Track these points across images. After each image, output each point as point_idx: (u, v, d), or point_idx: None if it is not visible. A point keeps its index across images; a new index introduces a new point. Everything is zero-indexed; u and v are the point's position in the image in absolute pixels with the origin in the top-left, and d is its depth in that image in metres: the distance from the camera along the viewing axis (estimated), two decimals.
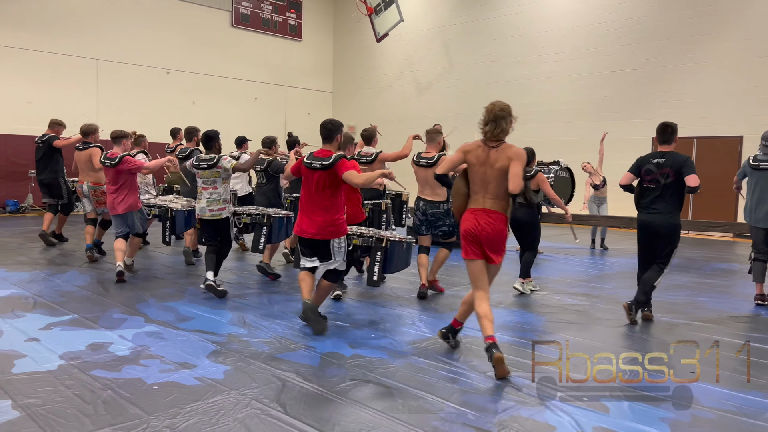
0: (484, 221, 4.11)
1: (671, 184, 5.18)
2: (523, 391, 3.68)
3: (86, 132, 8.43)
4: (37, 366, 3.94)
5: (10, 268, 7.29)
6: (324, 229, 4.83)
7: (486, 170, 4.17)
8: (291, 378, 3.81)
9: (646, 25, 13.80)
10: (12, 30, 14.10)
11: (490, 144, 4.24)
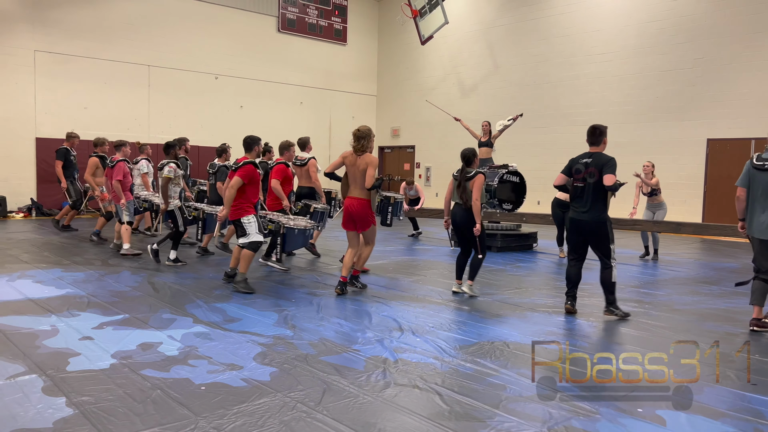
0: (354, 205, 6.22)
1: (597, 183, 5.41)
2: (575, 401, 3.57)
3: (95, 144, 10.20)
4: (90, 364, 4.03)
5: (65, 267, 7.54)
6: (234, 213, 6.39)
7: (355, 171, 6.19)
8: (336, 381, 3.80)
9: (701, 23, 13.32)
10: (71, 39, 14.65)
11: (357, 154, 6.20)
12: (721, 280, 7.82)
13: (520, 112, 12.73)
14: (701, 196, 13.44)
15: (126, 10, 15.48)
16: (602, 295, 5.97)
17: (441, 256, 9.51)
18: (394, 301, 6.15)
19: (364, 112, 20.79)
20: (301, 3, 18.76)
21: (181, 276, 7.23)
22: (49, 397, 3.47)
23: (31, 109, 14.28)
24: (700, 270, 8.85)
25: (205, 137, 16.52)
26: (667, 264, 9.20)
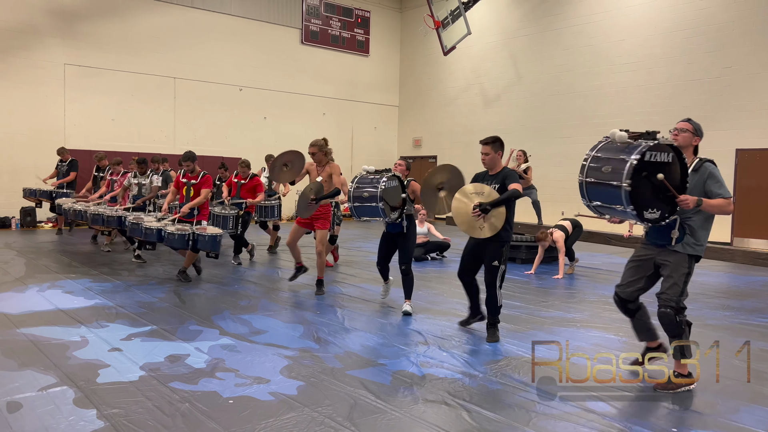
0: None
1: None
2: (606, 418, 3.50)
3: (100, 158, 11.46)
4: (119, 376, 4.07)
5: (94, 278, 7.64)
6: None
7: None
8: (363, 396, 3.78)
9: (729, 32, 13.12)
10: (99, 52, 14.94)
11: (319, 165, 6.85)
12: (753, 294, 7.65)
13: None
14: None
15: (152, 23, 15.76)
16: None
17: None
18: (420, 313, 6.12)
19: (386, 122, 20.85)
20: (324, 15, 18.92)
21: (206, 287, 7.28)
22: (81, 409, 3.51)
23: (61, 121, 14.57)
24: (731, 282, 8.67)
25: (229, 148, 16.69)
26: (696, 276, 9.02)
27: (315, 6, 18.71)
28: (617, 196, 3.59)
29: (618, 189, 3.54)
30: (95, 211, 9.12)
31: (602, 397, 3.82)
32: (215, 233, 7.46)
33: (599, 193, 3.73)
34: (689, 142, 4.00)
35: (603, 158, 3.71)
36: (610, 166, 3.63)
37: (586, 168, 3.79)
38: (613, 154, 3.68)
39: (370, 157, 20.30)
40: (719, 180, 3.88)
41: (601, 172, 3.68)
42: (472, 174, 5.46)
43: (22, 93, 14.03)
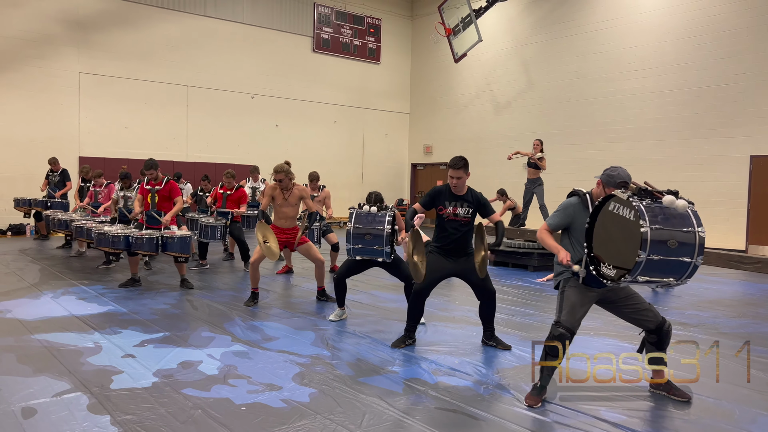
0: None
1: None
2: (619, 427, 3.47)
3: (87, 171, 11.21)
4: (133, 382, 4.09)
5: (107, 284, 7.70)
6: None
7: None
8: (375, 404, 3.77)
9: (743, 38, 13.03)
10: (113, 60, 15.11)
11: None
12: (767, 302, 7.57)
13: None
14: (745, 215, 13.06)
15: (166, 32, 15.91)
16: None
17: None
18: (432, 321, 6.10)
19: (397, 129, 20.88)
20: (336, 23, 19.02)
21: (218, 294, 7.31)
22: (95, 415, 3.53)
23: (75, 129, 14.73)
24: (747, 290, 8.57)
25: (241, 155, 16.79)
26: (711, 284, 8.93)
27: (326, 14, 18.82)
28: (680, 270, 3.30)
29: (688, 264, 3.27)
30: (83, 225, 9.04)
31: (613, 406, 3.78)
32: (184, 235, 7.48)
33: (657, 268, 3.29)
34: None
35: (665, 230, 3.28)
36: (675, 240, 3.27)
37: (648, 242, 3.22)
38: (676, 225, 3.31)
39: (381, 164, 20.36)
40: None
41: (667, 247, 3.26)
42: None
43: (38, 101, 14.21)
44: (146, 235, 7.31)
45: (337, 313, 6.08)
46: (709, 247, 13.65)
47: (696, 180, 13.76)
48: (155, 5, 15.71)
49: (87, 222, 9.11)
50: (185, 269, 7.74)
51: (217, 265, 9.71)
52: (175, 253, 7.48)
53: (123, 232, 7.43)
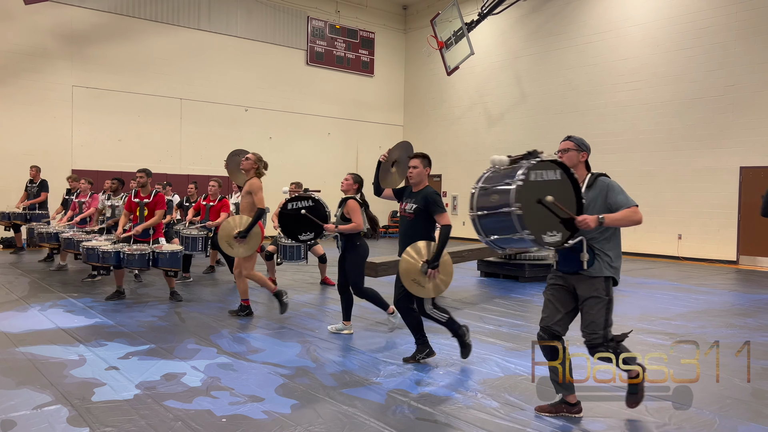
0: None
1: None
2: None
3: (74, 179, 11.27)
4: (115, 395, 4.07)
5: (95, 297, 7.68)
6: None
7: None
8: (356, 415, 3.76)
9: (732, 50, 13.16)
10: (107, 74, 15.18)
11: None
12: (756, 312, 7.58)
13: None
14: (735, 225, 13.11)
15: (160, 45, 16.00)
16: (632, 327, 5.79)
17: (468, 286, 9.43)
18: None
19: (391, 141, 20.88)
20: (329, 36, 19.15)
21: (207, 306, 7.30)
22: (74, 427, 3.51)
23: (68, 142, 14.75)
24: (736, 300, 8.59)
25: None
26: (701, 294, 8.95)
27: (320, 28, 18.95)
28: (510, 224, 3.32)
29: (509, 215, 3.29)
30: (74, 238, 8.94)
31: (595, 413, 3.78)
32: (175, 250, 7.43)
33: (493, 226, 3.45)
34: (576, 160, 3.72)
35: (489, 188, 3.48)
36: (497, 194, 3.39)
37: (475, 201, 3.50)
38: (498, 181, 3.45)
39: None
40: (620, 190, 3.60)
41: (490, 202, 3.43)
42: None
43: (31, 114, 14.24)
44: (137, 251, 7.25)
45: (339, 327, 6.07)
46: (701, 258, 13.72)
47: (688, 191, 13.82)
48: (149, 19, 15.81)
49: (76, 234, 9.08)
50: (174, 282, 7.73)
51: (200, 278, 9.69)
52: (166, 268, 7.44)
53: (113, 248, 7.33)
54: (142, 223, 7.53)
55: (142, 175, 7.52)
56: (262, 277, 6.68)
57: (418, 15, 20.45)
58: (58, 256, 10.48)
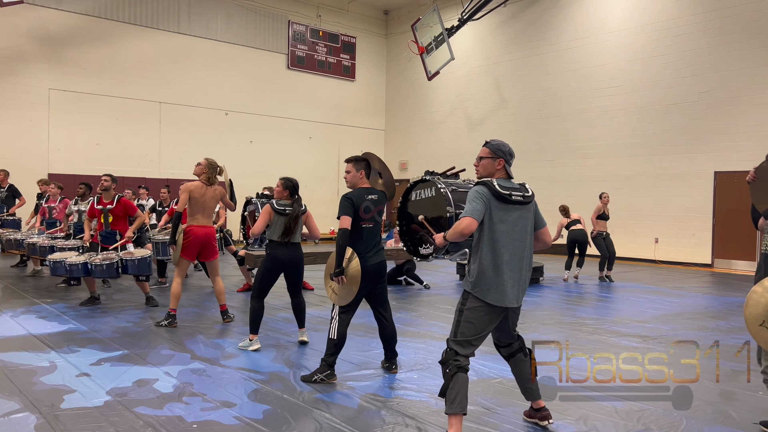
0: (206, 233, 6.51)
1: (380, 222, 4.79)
2: None
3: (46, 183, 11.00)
4: (84, 401, 4.03)
5: (69, 303, 7.58)
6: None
7: (205, 201, 6.49)
8: (328, 420, 3.76)
9: (706, 57, 13.40)
10: (84, 77, 15.03)
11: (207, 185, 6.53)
12: (728, 315, 7.70)
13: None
14: (710, 229, 13.32)
15: (139, 48, 15.89)
16: (607, 330, 5.91)
17: (445, 290, 9.46)
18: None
19: (373, 146, 20.98)
20: (310, 41, 19.15)
21: (183, 311, 7.24)
22: None
23: (45, 146, 14.58)
24: (709, 303, 8.72)
25: None
26: (676, 297, 9.08)
27: (301, 32, 18.94)
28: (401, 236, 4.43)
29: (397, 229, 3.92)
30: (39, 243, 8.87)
31: (572, 413, 3.82)
32: (143, 255, 7.32)
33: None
34: (492, 168, 3.54)
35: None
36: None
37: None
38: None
39: None
40: (468, 200, 3.39)
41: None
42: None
43: (7, 118, 14.06)
44: (105, 261, 7.10)
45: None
46: (677, 261, 13.88)
47: (664, 195, 14.02)
48: (128, 21, 15.69)
49: (41, 239, 8.95)
50: (148, 287, 7.64)
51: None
52: (136, 274, 7.35)
53: (80, 260, 7.21)
54: (107, 229, 7.40)
55: (107, 178, 7.40)
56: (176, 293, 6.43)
57: (399, 20, 20.54)
58: (30, 261, 10.33)
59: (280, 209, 5.47)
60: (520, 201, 3.43)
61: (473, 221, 3.28)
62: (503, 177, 3.54)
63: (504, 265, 3.35)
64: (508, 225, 3.39)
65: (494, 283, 3.35)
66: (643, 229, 14.21)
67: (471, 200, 3.36)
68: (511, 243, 3.38)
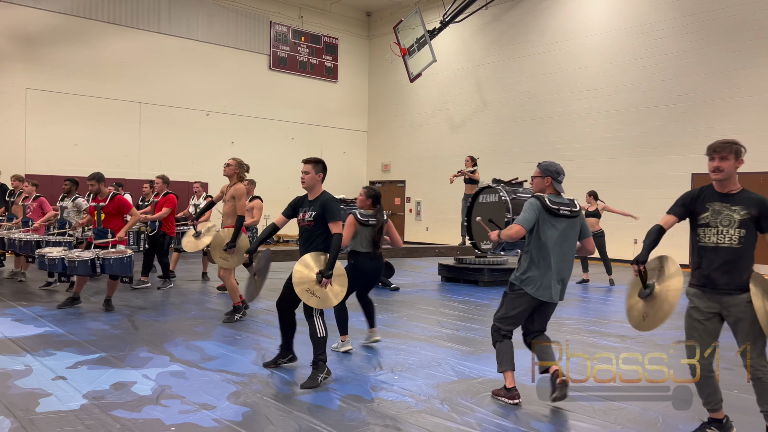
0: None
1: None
2: None
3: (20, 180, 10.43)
4: (60, 405, 3.97)
5: (47, 305, 7.47)
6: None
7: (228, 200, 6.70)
8: (308, 421, 3.75)
9: (684, 61, 13.60)
10: (62, 77, 14.83)
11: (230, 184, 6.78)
12: None
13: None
14: (687, 231, 13.47)
15: (118, 48, 15.72)
16: (586, 330, 5.95)
17: (427, 292, 9.48)
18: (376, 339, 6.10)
19: (355, 147, 20.98)
20: (293, 42, 19.10)
21: (162, 313, 7.18)
22: None
23: (21, 146, 14.36)
24: (685, 303, 8.83)
25: (196, 173, 16.56)
26: None
27: (283, 33, 18.89)
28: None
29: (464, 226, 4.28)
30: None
31: (549, 413, 3.84)
32: (121, 255, 6.97)
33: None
34: (542, 185, 4.22)
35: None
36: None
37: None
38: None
39: (339, 182, 20.37)
40: (523, 210, 4.08)
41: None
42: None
43: None
44: (79, 257, 6.86)
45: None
46: None
47: (644, 197, 14.19)
48: (107, 21, 15.53)
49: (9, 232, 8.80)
50: (114, 291, 7.34)
51: (156, 282, 9.52)
52: (115, 274, 7.08)
53: (58, 255, 7.06)
54: (99, 227, 7.23)
55: (93, 182, 7.21)
56: (234, 287, 6.79)
57: (381, 22, 20.57)
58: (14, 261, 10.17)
59: (364, 220, 5.42)
60: (567, 215, 4.11)
61: (522, 229, 3.97)
62: (553, 193, 4.18)
63: (548, 266, 4.02)
64: (555, 233, 4.05)
65: (538, 280, 4.03)
66: (622, 230, 14.34)
67: (524, 210, 4.04)
68: (555, 249, 4.04)
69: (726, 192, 3.43)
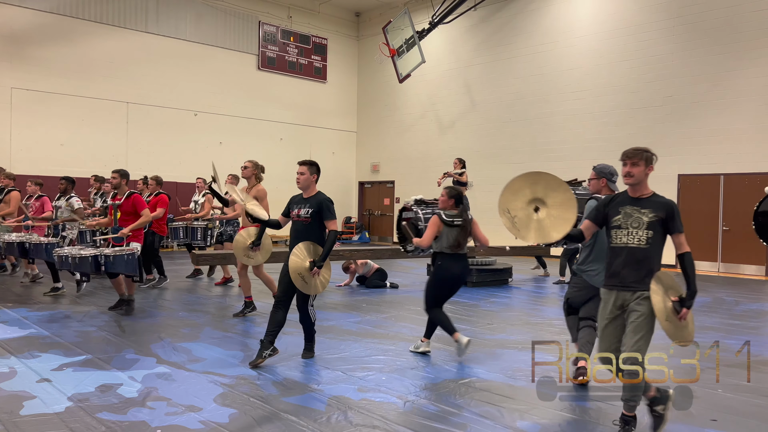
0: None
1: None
2: None
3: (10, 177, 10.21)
4: (45, 408, 3.94)
5: (32, 307, 7.41)
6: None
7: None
8: (294, 422, 3.74)
9: (670, 62, 13.71)
10: (49, 76, 14.69)
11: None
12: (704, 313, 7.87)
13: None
14: None
15: (106, 48, 15.60)
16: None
17: (416, 292, 9.49)
18: (366, 338, 6.11)
19: (344, 148, 20.96)
20: (281, 42, 19.05)
21: (150, 315, 7.14)
22: None
23: (7, 146, 14.21)
24: None
25: (184, 173, 16.49)
26: None
27: (272, 33, 18.83)
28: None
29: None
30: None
31: (539, 413, 3.86)
32: (126, 252, 6.85)
33: None
34: (598, 186, 4.70)
35: None
36: None
37: None
38: None
39: (328, 182, 20.33)
40: (585, 209, 4.61)
41: None
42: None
43: None
44: (81, 254, 6.74)
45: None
46: None
47: None
48: (94, 20, 15.40)
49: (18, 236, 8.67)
50: (124, 289, 7.17)
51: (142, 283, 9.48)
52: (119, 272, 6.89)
53: (65, 252, 6.91)
54: (115, 225, 7.12)
55: (116, 176, 7.10)
56: (269, 280, 7.04)
57: (370, 22, 20.56)
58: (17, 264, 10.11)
59: (449, 221, 5.37)
60: None
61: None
62: (609, 193, 4.42)
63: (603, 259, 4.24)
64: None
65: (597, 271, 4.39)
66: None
67: (587, 209, 4.45)
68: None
69: (637, 196, 3.65)
